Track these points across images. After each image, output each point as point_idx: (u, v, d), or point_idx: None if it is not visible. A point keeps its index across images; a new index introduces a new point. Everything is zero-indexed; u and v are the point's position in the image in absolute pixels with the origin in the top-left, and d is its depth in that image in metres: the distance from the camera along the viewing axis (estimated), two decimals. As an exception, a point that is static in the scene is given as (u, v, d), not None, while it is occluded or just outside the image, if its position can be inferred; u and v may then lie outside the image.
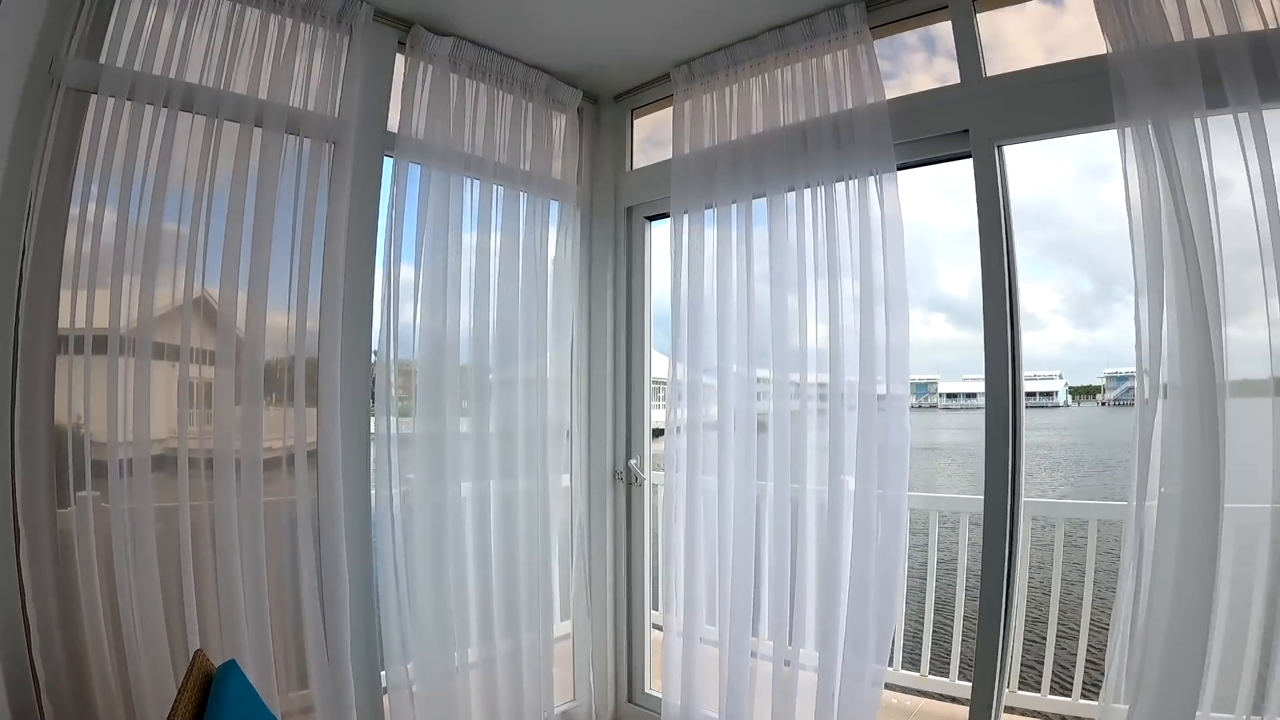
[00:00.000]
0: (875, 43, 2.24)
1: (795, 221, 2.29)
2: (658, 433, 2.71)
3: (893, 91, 2.27)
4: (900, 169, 2.19)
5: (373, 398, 2.18)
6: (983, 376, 2.12)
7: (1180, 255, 1.84)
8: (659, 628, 2.70)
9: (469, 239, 2.37)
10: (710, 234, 2.40)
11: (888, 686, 2.72)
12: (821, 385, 2.25)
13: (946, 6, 2.25)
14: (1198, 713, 1.79)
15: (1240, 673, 1.84)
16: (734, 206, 2.35)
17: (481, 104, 2.46)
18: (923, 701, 3.08)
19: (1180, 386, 1.81)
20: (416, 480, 2.23)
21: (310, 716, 1.95)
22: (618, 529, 2.75)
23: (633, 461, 2.69)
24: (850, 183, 2.21)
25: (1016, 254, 2.19)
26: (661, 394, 2.59)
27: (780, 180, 2.29)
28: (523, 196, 2.48)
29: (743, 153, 2.35)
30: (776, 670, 2.30)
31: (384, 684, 2.17)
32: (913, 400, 2.54)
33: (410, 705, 2.19)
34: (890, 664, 2.80)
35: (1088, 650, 2.86)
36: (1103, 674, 1.94)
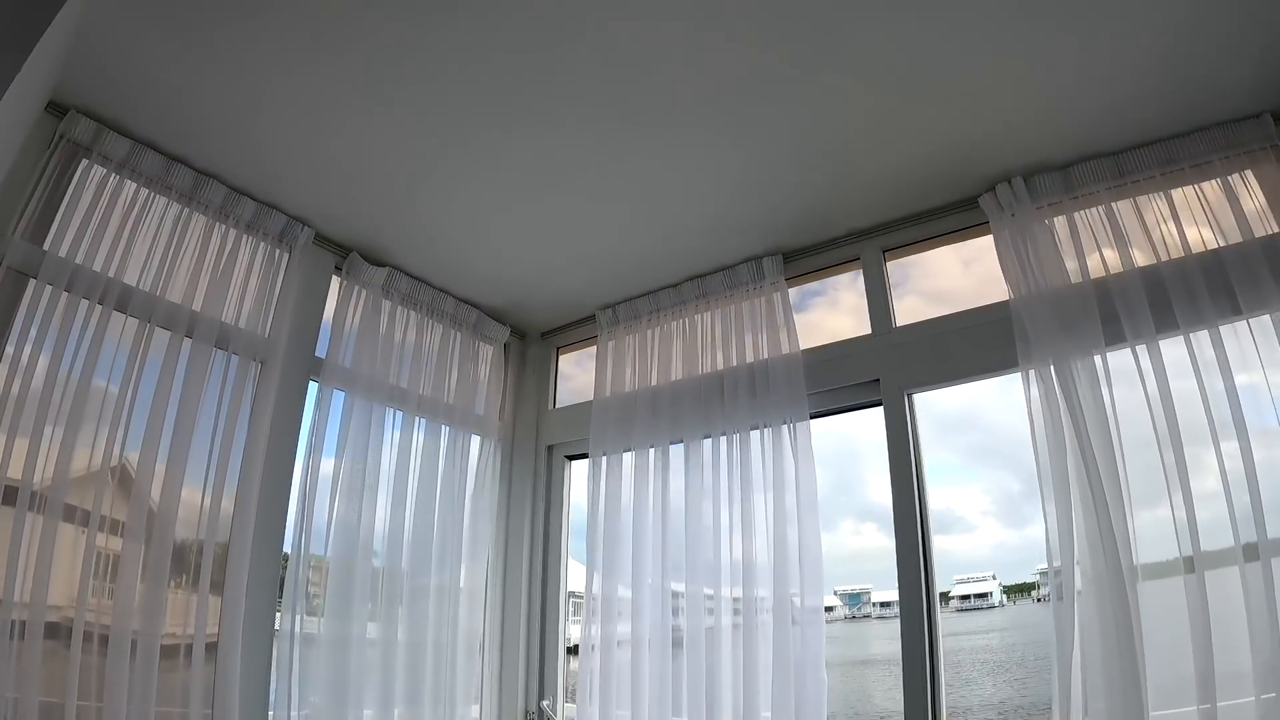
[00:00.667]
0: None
1: (710, 467, 2.34)
2: (573, 650, 2.65)
3: (806, 329, 2.36)
4: (813, 417, 2.25)
5: (281, 591, 2.14)
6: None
7: (1081, 470, 1.94)
8: None
9: (391, 436, 2.42)
10: (628, 475, 2.44)
11: None
12: (736, 600, 2.26)
13: (859, 259, 2.28)
14: None
15: None
16: (651, 451, 2.40)
17: (411, 333, 2.56)
18: None
19: (1092, 580, 1.89)
20: (320, 705, 2.15)
21: None
22: None
23: (545, 702, 2.62)
24: (765, 430, 2.27)
25: (924, 458, 2.27)
26: (577, 607, 2.58)
27: (697, 428, 2.35)
28: (445, 429, 2.51)
29: (662, 399, 2.42)
30: None
31: None
32: (846, 611, 2.47)
33: None
34: None
35: None
36: None
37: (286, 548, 2.16)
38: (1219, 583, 1.85)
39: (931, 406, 2.31)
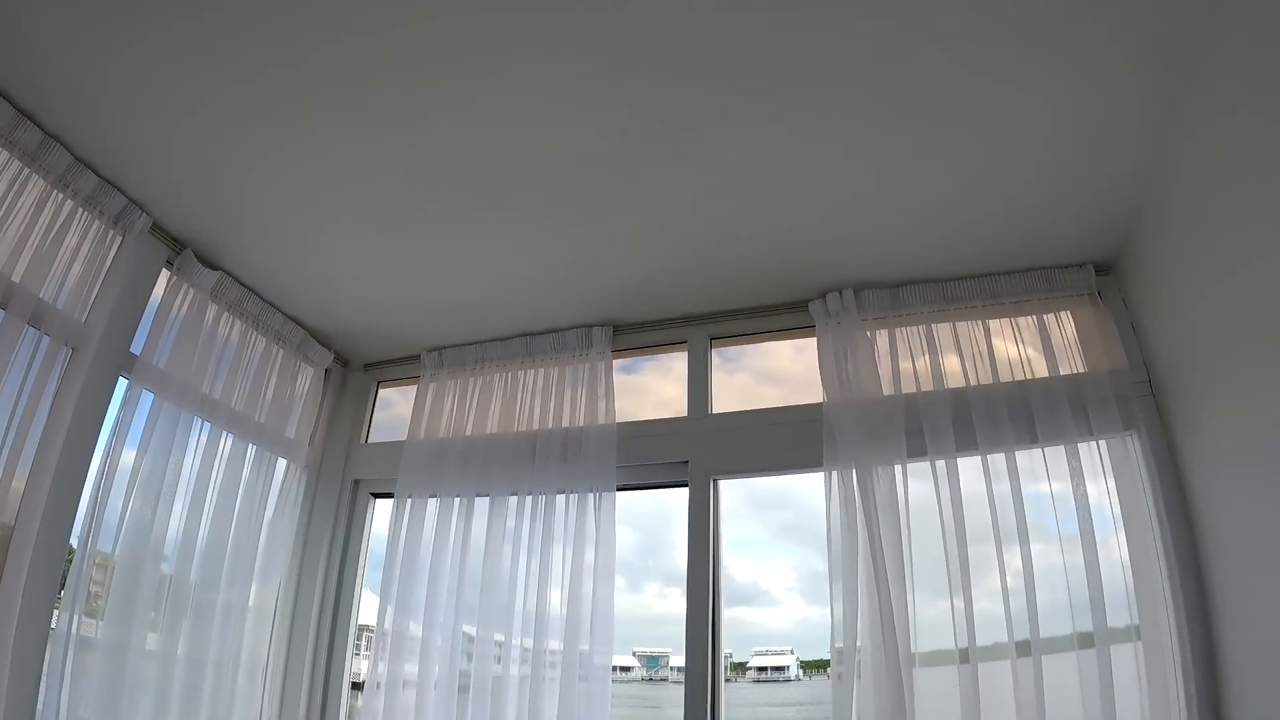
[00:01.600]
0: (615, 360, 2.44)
1: (514, 516, 2.40)
2: (357, 685, 2.63)
3: (636, 390, 2.49)
4: (620, 489, 2.34)
5: (61, 587, 2.03)
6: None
7: (870, 561, 2.08)
8: None
9: (198, 435, 2.36)
10: (430, 519, 2.47)
11: None
12: (526, 649, 2.32)
13: (685, 342, 2.34)
14: None
15: None
16: (457, 500, 2.43)
17: (233, 343, 2.49)
18: None
19: (871, 663, 2.04)
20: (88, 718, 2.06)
21: None
22: None
23: None
24: (571, 496, 2.35)
25: (737, 530, 2.42)
26: (367, 642, 2.56)
27: (505, 484, 2.42)
28: (252, 448, 2.44)
29: (475, 450, 2.47)
30: None
31: None
32: (644, 672, 2.49)
33: None
34: None
35: None
36: None
37: (73, 540, 2.06)
38: (991, 674, 2.03)
39: (752, 482, 2.43)
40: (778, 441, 2.31)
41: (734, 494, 2.39)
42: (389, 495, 2.55)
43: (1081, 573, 2.08)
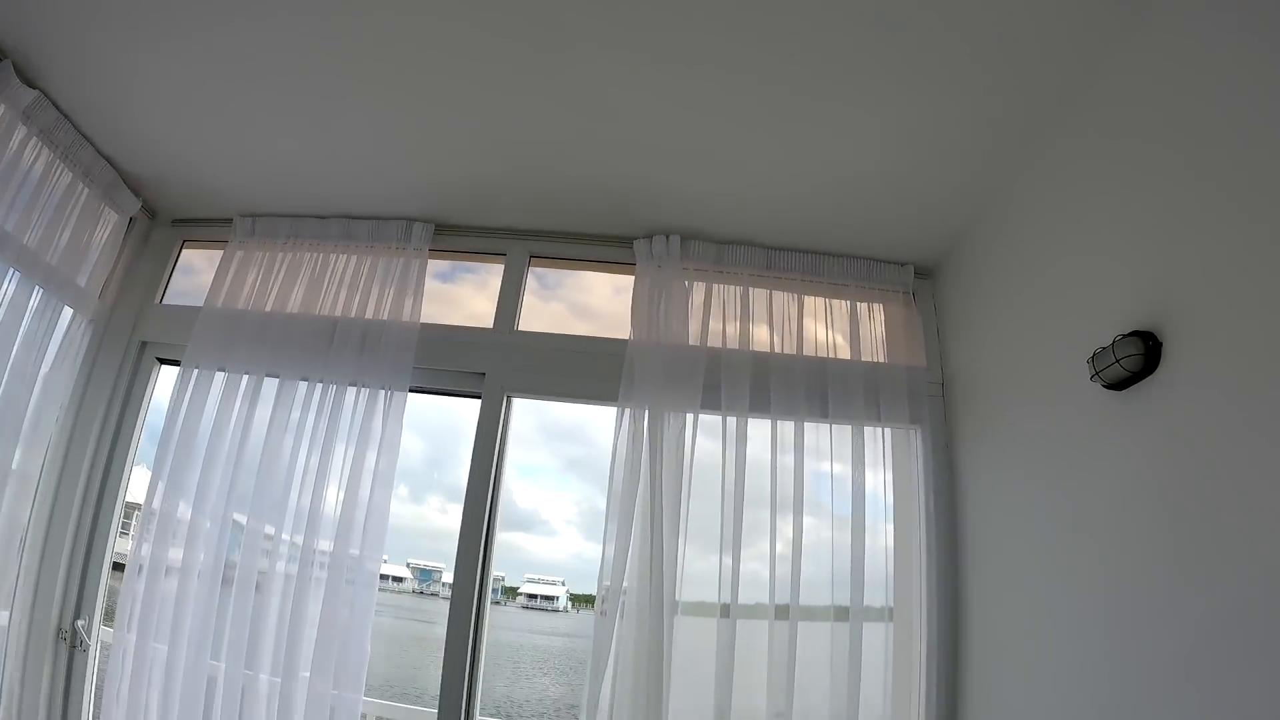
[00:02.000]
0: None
1: (300, 406, 2.35)
2: (118, 566, 2.54)
3: (445, 299, 2.49)
4: (413, 391, 2.33)
5: None
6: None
7: (648, 506, 2.15)
8: None
9: None
10: (215, 394, 2.40)
11: None
12: (296, 546, 2.28)
13: (505, 254, 2.33)
14: None
15: None
16: (245, 378, 2.38)
17: (36, 171, 2.30)
18: None
19: (635, 605, 2.11)
20: None
21: None
22: (53, 705, 2.42)
23: (80, 622, 2.45)
24: (363, 390, 2.32)
25: (526, 457, 2.48)
26: (134, 520, 2.48)
27: (297, 367, 2.37)
28: (38, 291, 2.30)
29: (272, 328, 2.42)
30: None
31: None
32: (416, 585, 2.50)
33: None
34: None
35: None
36: None
37: None
38: (748, 631, 2.15)
39: (546, 411, 2.44)
40: (578, 370, 2.36)
41: (528, 420, 2.43)
42: (175, 363, 2.46)
43: (847, 551, 2.24)
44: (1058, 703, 1.78)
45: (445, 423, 2.37)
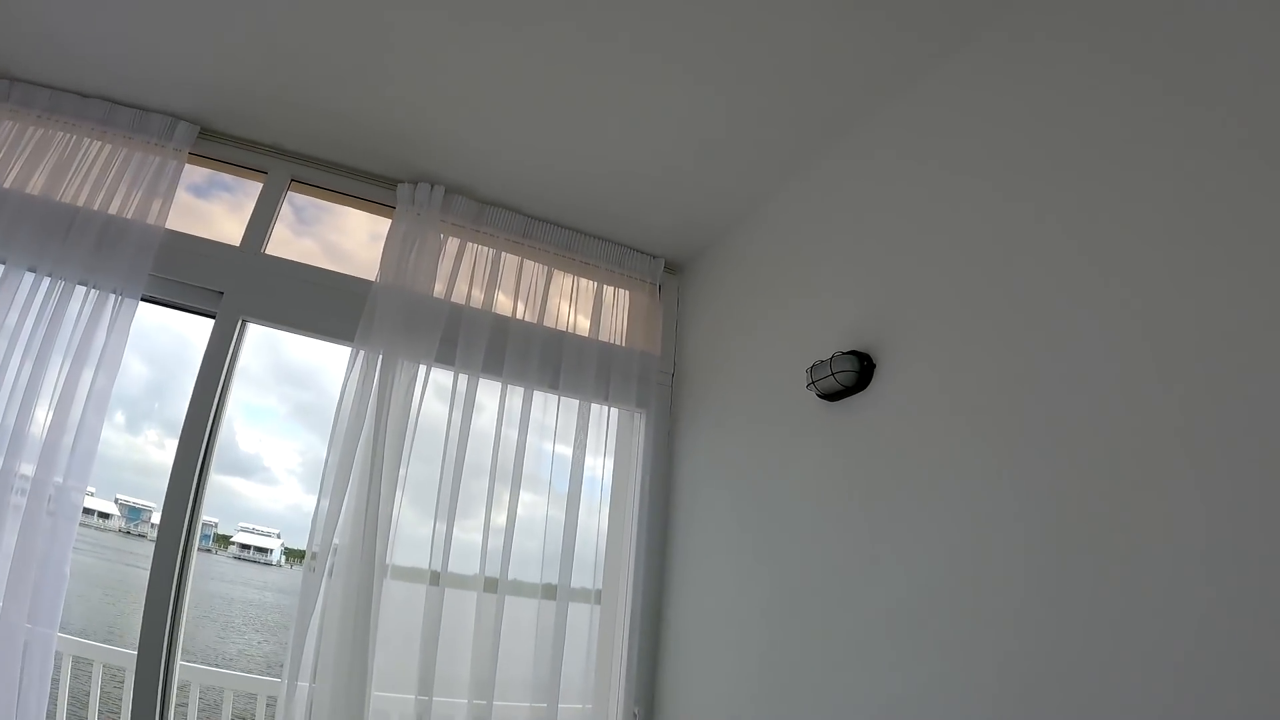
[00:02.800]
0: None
1: (20, 309, 2.20)
2: None
3: (194, 214, 2.42)
4: (146, 300, 2.28)
5: None
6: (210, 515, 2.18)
7: (368, 462, 2.18)
8: None
9: None
10: None
11: None
12: None
13: (267, 173, 2.36)
14: None
15: None
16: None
17: None
18: None
19: (346, 563, 2.11)
20: None
21: None
22: None
23: None
24: (92, 291, 2.23)
25: (252, 399, 2.48)
26: None
27: (26, 254, 2.24)
28: None
29: (5, 205, 2.27)
30: None
31: None
32: (123, 523, 2.48)
33: None
34: None
35: None
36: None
37: None
38: (457, 600, 2.20)
39: (284, 353, 2.47)
40: (320, 304, 2.39)
41: (261, 359, 2.46)
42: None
43: (560, 530, 2.37)
44: (750, 675, 1.98)
45: (173, 350, 2.31)
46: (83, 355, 2.20)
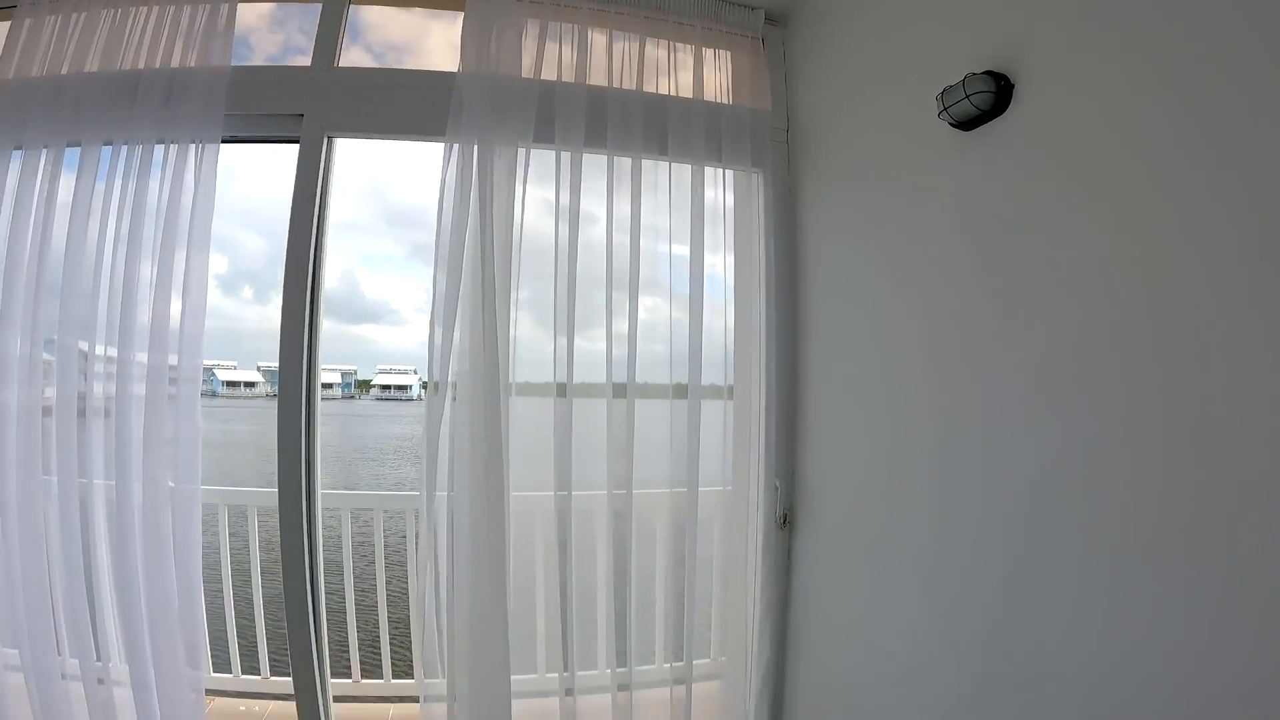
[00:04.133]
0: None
1: (104, 183, 2.13)
2: None
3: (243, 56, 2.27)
4: (227, 141, 2.13)
5: None
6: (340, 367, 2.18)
7: (479, 283, 2.04)
8: None
9: None
10: (10, 186, 2.15)
11: (227, 694, 3.06)
12: (111, 360, 2.11)
13: (324, -11, 2.21)
14: (534, 674, 2.29)
15: (559, 638, 2.20)
16: (45, 151, 2.14)
17: None
18: (272, 704, 3.07)
19: (469, 387, 2.06)
20: None
21: None
22: None
23: None
24: (171, 147, 2.11)
25: (371, 246, 2.31)
26: None
27: (99, 130, 2.13)
28: None
29: (67, 91, 2.15)
30: (90, 691, 2.15)
31: None
32: (268, 389, 2.36)
33: None
34: (229, 670, 3.09)
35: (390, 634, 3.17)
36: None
37: None
38: (587, 410, 2.15)
39: (391, 198, 2.37)
40: (404, 105, 2.21)
41: (370, 207, 2.32)
42: (-35, 150, 2.21)
43: (684, 330, 2.21)
44: (893, 437, 1.88)
45: (283, 217, 2.16)
46: (174, 217, 2.09)
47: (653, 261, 2.25)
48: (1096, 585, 1.27)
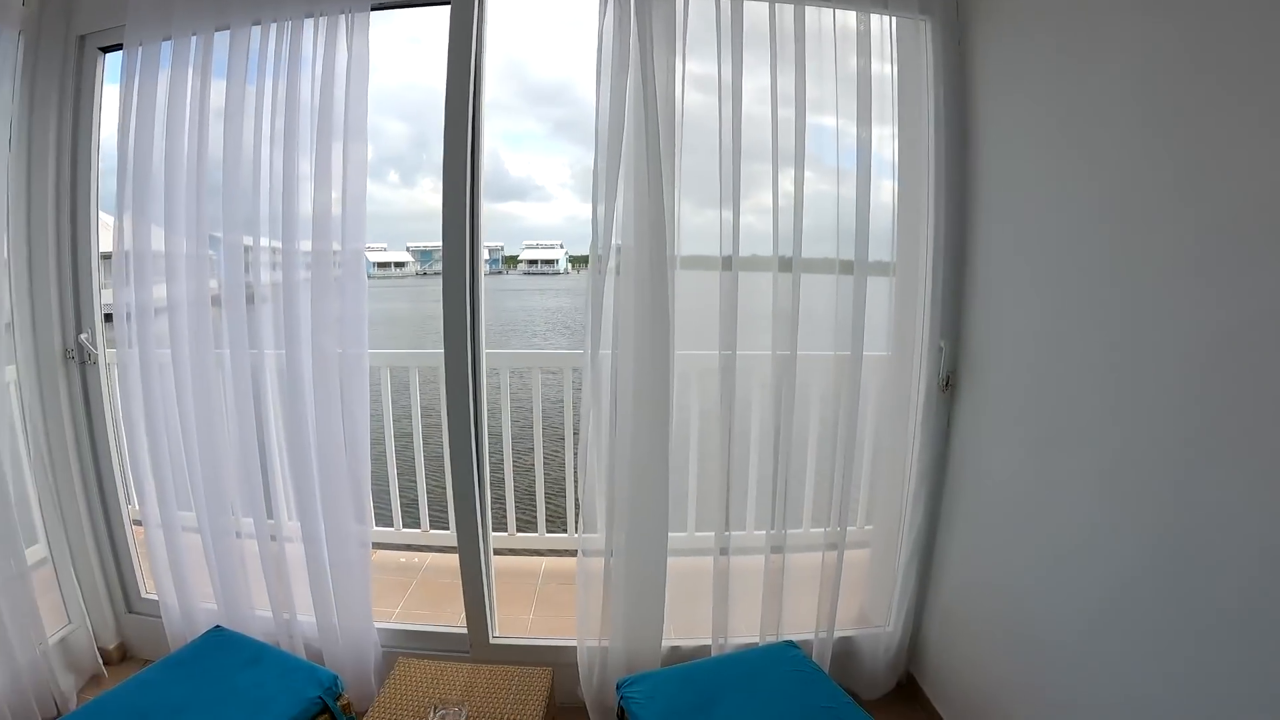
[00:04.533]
0: None
1: (255, 66, 2.12)
2: (110, 317, 2.43)
3: None
4: (376, 10, 2.07)
5: None
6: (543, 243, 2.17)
7: (644, 142, 1.96)
8: (140, 523, 2.52)
9: None
10: (164, 79, 2.15)
11: (392, 546, 3.32)
12: (275, 251, 2.17)
13: None
14: (681, 534, 2.34)
15: (713, 497, 2.25)
16: (194, 39, 2.12)
17: None
18: (430, 556, 3.36)
19: (633, 260, 2.03)
20: None
21: None
22: (77, 419, 2.47)
23: (83, 336, 2.39)
24: (320, 20, 2.06)
25: (513, 124, 2.28)
26: (110, 268, 2.33)
27: (245, 10, 2.09)
28: None
29: None
30: (263, 548, 2.35)
31: None
32: (418, 267, 2.39)
33: None
34: (390, 524, 3.31)
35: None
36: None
37: None
38: (750, 282, 2.09)
39: (530, 75, 2.20)
40: None
41: (509, 86, 2.24)
42: (118, 47, 2.23)
43: (851, 205, 2.08)
44: (1065, 311, 1.76)
45: (426, 101, 2.12)
46: (328, 106, 2.06)
47: (816, 136, 2.11)
48: (1275, 465, 1.18)
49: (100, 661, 2.55)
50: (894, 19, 2.12)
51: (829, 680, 1.89)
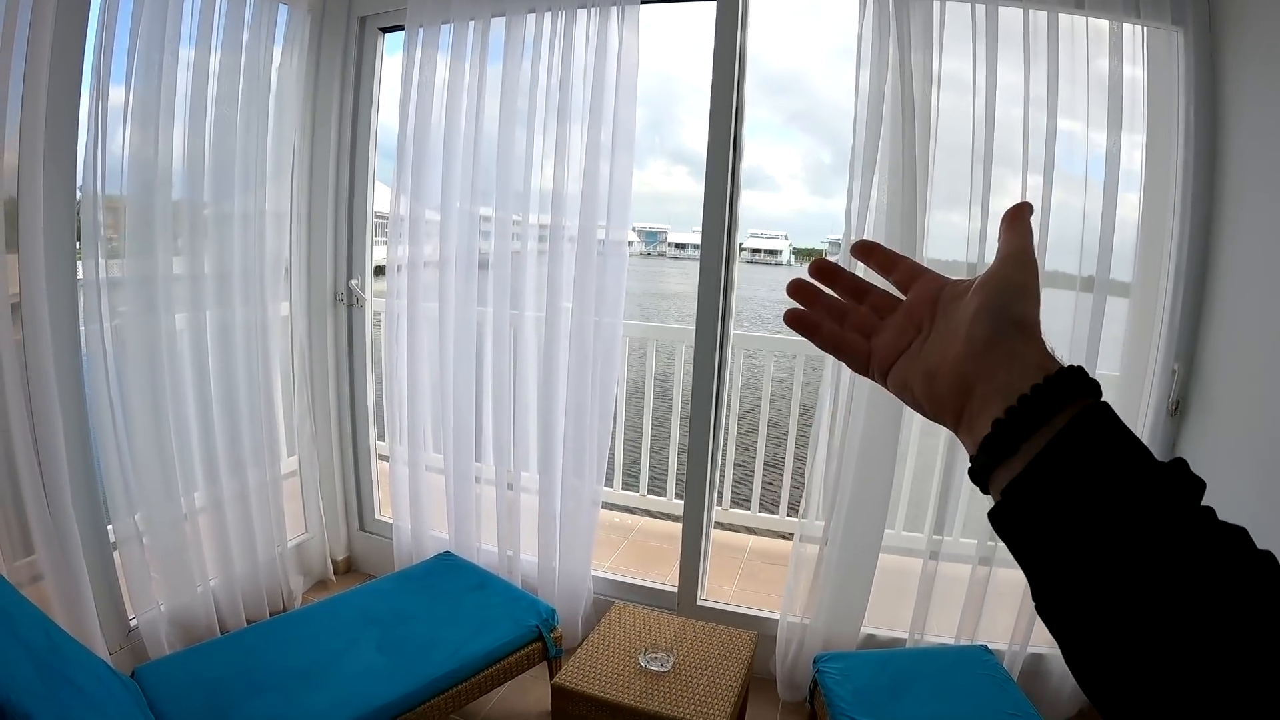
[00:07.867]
0: None
1: (530, 52, 2.27)
2: (379, 270, 2.73)
3: None
4: (645, 2, 2.17)
5: (79, 239, 1.96)
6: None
7: (899, 140, 2.00)
8: (385, 458, 2.77)
9: (186, 56, 2.12)
10: (443, 60, 2.33)
11: (609, 506, 3.29)
12: (543, 227, 2.35)
13: None
14: (889, 530, 2.26)
15: (926, 501, 2.28)
16: (471, 25, 2.28)
17: None
18: (643, 520, 3.45)
19: None
20: (129, 314, 2.10)
21: (41, 585, 1.87)
22: (339, 355, 2.75)
23: (353, 282, 2.68)
24: (592, 10, 2.18)
25: (746, 112, 2.27)
26: (384, 229, 2.58)
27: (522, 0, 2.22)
28: (248, 1, 2.23)
29: None
30: (500, 495, 2.51)
31: (113, 538, 2.12)
32: (642, 247, 2.53)
33: (142, 557, 2.16)
34: (610, 485, 3.30)
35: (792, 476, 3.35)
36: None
37: (79, 193, 1.95)
38: None
39: (761, 66, 2.24)
40: None
41: (747, 77, 2.23)
42: (399, 29, 2.40)
43: (1094, 219, 2.04)
44: None
45: (661, 88, 2.19)
46: (600, 83, 2.17)
47: (1065, 141, 2.05)
48: None
49: (331, 569, 2.83)
50: (1145, 28, 2.06)
51: (1019, 690, 1.87)
